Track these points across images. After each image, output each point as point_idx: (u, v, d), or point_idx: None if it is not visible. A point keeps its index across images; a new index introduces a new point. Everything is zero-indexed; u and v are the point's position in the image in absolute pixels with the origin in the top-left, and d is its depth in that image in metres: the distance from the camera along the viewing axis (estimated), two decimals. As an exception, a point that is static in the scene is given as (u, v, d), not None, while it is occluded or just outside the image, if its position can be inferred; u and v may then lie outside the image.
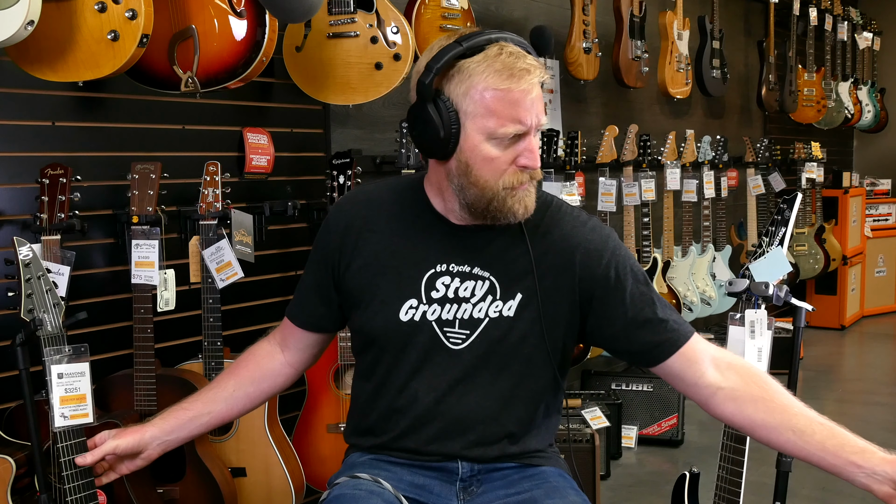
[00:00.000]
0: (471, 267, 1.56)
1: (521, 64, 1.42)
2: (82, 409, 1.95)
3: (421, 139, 1.50)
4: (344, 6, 2.59)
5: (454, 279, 1.56)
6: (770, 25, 5.58)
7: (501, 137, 1.45)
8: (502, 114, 1.43)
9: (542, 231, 1.58)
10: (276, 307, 2.90)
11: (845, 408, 4.68)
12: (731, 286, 1.99)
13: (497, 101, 1.43)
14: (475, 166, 1.47)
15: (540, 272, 1.55)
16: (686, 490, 2.21)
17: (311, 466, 2.63)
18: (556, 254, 1.57)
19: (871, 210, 6.83)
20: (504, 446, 1.60)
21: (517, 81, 1.42)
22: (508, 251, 1.57)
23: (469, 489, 1.61)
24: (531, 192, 1.51)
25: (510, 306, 1.55)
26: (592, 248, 1.57)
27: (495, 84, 1.42)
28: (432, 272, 1.56)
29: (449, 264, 1.56)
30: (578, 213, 1.63)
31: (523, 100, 1.43)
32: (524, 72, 1.42)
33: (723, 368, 1.55)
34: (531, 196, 1.51)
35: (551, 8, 4.11)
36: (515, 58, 1.43)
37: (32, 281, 1.95)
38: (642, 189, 4.13)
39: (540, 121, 1.46)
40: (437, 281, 1.56)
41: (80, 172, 2.24)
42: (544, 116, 1.48)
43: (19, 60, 2.03)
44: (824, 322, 6.41)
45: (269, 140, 2.78)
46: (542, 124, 1.48)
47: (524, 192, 1.50)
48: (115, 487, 2.14)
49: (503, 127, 1.44)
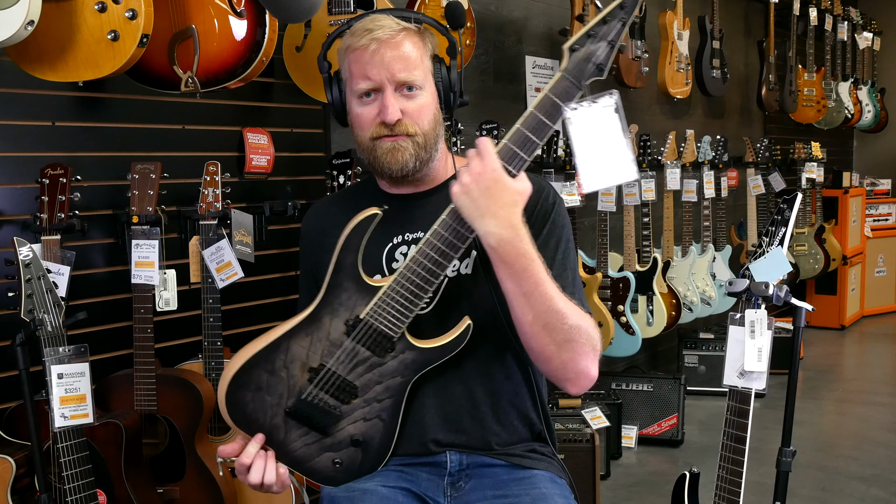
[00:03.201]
0: (424, 232, 1.57)
1: (369, 24, 1.57)
2: (82, 409, 1.96)
3: (335, 115, 1.71)
4: (344, 6, 2.59)
5: (410, 247, 1.63)
6: (770, 25, 5.58)
7: (359, 94, 1.59)
8: (355, 72, 1.59)
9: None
10: (276, 307, 2.90)
11: (845, 408, 4.68)
12: (731, 286, 1.99)
13: (351, 62, 1.59)
14: (353, 126, 1.64)
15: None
16: (686, 490, 2.21)
17: (311, 466, 2.63)
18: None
19: (871, 210, 6.83)
20: (486, 423, 1.61)
21: (359, 40, 1.56)
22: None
23: (457, 485, 1.62)
24: (402, 147, 1.59)
25: (466, 264, 1.61)
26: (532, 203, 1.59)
27: (348, 45, 1.59)
28: (390, 245, 1.65)
29: (403, 234, 1.65)
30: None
31: (368, 57, 1.56)
32: (367, 32, 1.56)
33: None
34: (403, 151, 1.59)
35: (551, 8, 4.11)
36: (368, 22, 1.58)
37: (32, 281, 1.95)
38: (642, 189, 4.13)
39: (394, 76, 1.56)
40: (396, 252, 1.64)
41: (80, 172, 2.24)
42: (410, 70, 1.56)
43: (19, 60, 2.03)
44: (824, 322, 6.42)
45: (269, 140, 2.78)
46: (401, 80, 1.56)
47: (390, 144, 1.58)
48: (115, 487, 2.14)
49: (357, 84, 1.58)
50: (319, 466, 1.55)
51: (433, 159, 1.64)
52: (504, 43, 3.87)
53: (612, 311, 3.96)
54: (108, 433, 2.14)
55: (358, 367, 1.52)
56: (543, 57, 4.08)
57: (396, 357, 1.52)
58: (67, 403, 1.94)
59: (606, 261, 3.94)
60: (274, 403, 1.52)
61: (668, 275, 4.30)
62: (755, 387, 1.96)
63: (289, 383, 1.51)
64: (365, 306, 1.51)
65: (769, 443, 2.48)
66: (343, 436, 1.53)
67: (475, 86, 3.71)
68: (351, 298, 1.52)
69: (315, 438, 1.53)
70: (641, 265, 4.14)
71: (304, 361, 1.52)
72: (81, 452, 1.96)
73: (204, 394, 2.32)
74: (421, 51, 1.60)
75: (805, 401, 4.68)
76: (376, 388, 1.53)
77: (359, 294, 1.52)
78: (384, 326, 1.50)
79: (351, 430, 1.53)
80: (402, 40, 1.57)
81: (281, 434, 1.52)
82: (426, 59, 1.61)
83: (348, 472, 1.56)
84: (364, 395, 1.52)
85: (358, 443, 1.54)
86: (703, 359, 4.76)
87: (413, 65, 1.57)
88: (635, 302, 4.05)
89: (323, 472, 1.55)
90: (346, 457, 1.55)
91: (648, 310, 4.10)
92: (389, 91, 1.57)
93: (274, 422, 1.52)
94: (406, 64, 1.57)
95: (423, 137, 1.60)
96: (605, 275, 3.93)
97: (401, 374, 1.53)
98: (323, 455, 1.54)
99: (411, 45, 1.58)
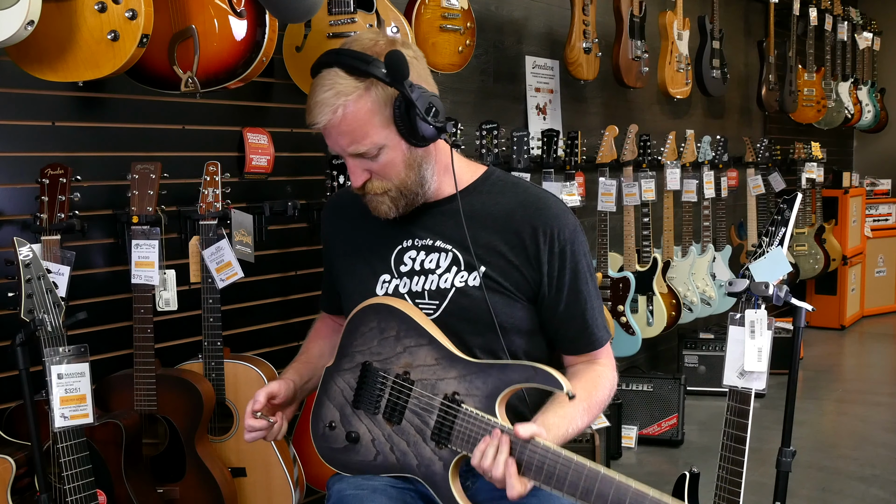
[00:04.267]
0: (433, 240, 1.64)
1: (311, 101, 1.54)
2: (82, 409, 1.96)
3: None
4: (344, 6, 2.59)
5: (419, 252, 1.65)
6: (770, 25, 5.58)
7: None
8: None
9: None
10: (276, 307, 2.90)
11: (845, 408, 4.68)
12: (731, 286, 1.99)
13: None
14: None
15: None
16: (686, 490, 2.21)
17: (311, 466, 2.63)
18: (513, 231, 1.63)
19: (871, 210, 6.83)
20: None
21: (307, 116, 1.55)
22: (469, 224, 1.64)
23: (464, 485, 1.62)
24: (380, 201, 1.60)
25: (475, 276, 1.61)
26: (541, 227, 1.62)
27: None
28: (400, 248, 1.66)
29: (414, 239, 1.66)
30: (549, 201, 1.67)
31: (323, 132, 1.56)
32: (309, 110, 1.54)
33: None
34: (381, 204, 1.60)
35: (551, 8, 4.11)
36: (312, 92, 1.54)
37: (32, 281, 1.95)
38: (642, 189, 4.13)
39: (343, 149, 1.55)
40: (405, 255, 1.65)
41: (80, 172, 2.24)
42: (356, 145, 1.53)
43: (19, 60, 2.03)
44: (824, 322, 6.41)
45: (269, 140, 2.78)
46: (349, 152, 1.55)
47: (370, 197, 1.60)
48: (115, 487, 2.14)
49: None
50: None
51: (424, 191, 1.62)
52: (504, 43, 3.87)
53: (612, 311, 3.96)
54: (108, 433, 2.14)
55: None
56: (543, 57, 4.08)
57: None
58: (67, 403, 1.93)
59: (606, 261, 3.94)
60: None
61: (668, 275, 4.30)
62: (755, 387, 1.96)
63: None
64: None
65: (769, 443, 2.48)
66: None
67: (475, 86, 3.71)
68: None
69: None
70: (641, 265, 4.14)
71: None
72: (81, 452, 1.96)
73: (204, 394, 2.32)
74: (370, 112, 1.51)
75: (805, 401, 4.68)
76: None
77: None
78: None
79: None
80: (340, 118, 1.51)
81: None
82: (378, 116, 1.52)
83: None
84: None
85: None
86: (703, 359, 4.76)
87: (360, 136, 1.52)
88: (635, 302, 4.05)
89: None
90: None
91: (648, 310, 4.10)
92: (349, 161, 1.57)
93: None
94: (352, 138, 1.52)
95: (397, 189, 1.59)
96: (605, 275, 3.93)
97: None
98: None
99: (354, 115, 1.50)
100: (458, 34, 3.00)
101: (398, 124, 1.52)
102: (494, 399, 1.46)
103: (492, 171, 1.71)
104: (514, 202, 1.64)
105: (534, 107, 4.02)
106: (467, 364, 1.51)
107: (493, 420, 1.44)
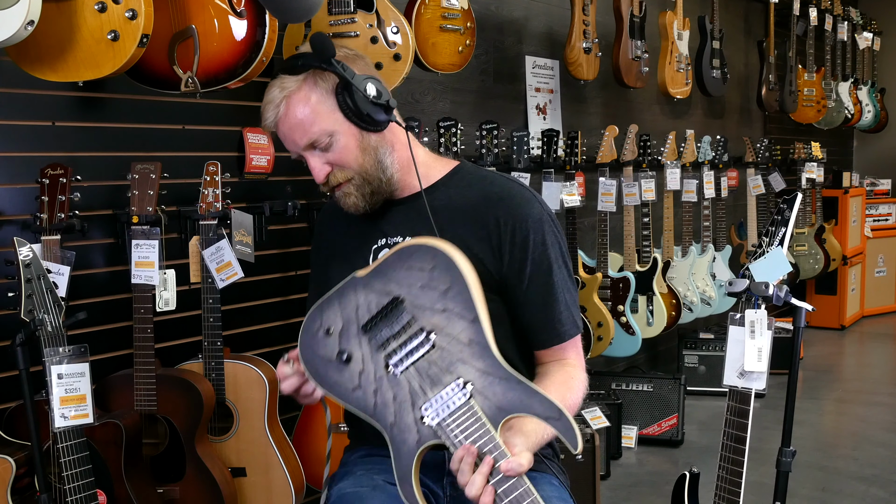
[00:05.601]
0: (403, 237, 1.66)
1: (263, 106, 1.62)
2: (82, 409, 1.96)
3: None
4: (344, 6, 2.59)
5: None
6: (770, 25, 5.58)
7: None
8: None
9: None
10: (276, 307, 2.90)
11: (845, 408, 4.68)
12: (731, 286, 1.99)
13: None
14: None
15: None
16: (686, 490, 2.21)
17: (311, 466, 2.63)
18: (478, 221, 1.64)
19: (871, 210, 6.83)
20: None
21: (262, 122, 1.64)
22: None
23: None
24: (347, 193, 1.64)
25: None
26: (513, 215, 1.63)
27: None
28: (375, 247, 1.69)
29: (386, 237, 1.69)
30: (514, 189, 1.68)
31: (279, 135, 1.64)
32: (262, 114, 1.63)
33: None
34: (349, 196, 1.64)
35: (551, 8, 4.11)
36: (263, 98, 1.62)
37: (32, 281, 1.95)
38: (642, 189, 4.13)
39: (296, 143, 1.61)
40: (380, 254, 1.66)
41: (80, 172, 2.24)
42: (308, 135, 1.59)
43: (19, 60, 2.03)
44: (824, 322, 6.41)
45: (270, 140, 2.78)
46: (303, 144, 1.61)
47: (339, 193, 1.65)
48: (115, 487, 2.14)
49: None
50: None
51: (389, 180, 1.65)
52: (504, 43, 3.87)
53: (612, 311, 3.96)
54: (108, 433, 2.14)
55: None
56: (543, 57, 4.08)
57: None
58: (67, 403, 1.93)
59: (606, 261, 3.94)
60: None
61: (668, 275, 4.30)
62: (755, 387, 1.96)
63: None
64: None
65: (769, 443, 2.48)
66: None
67: (475, 86, 3.71)
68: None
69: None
70: (641, 265, 4.14)
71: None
72: (81, 452, 1.96)
73: (204, 394, 2.32)
74: (315, 102, 1.59)
75: (805, 401, 4.68)
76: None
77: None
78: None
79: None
80: (286, 111, 1.60)
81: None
82: (324, 105, 1.59)
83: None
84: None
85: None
86: (703, 359, 4.76)
87: (309, 125, 1.59)
88: (635, 302, 4.05)
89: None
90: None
91: (648, 310, 4.10)
92: (307, 155, 1.63)
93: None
94: (303, 129, 1.59)
95: (359, 175, 1.63)
96: (605, 275, 3.93)
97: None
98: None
99: (301, 107, 1.59)
100: (458, 34, 3.00)
101: (343, 108, 1.59)
102: (504, 414, 1.37)
103: (462, 166, 1.73)
104: (479, 195, 1.65)
105: (534, 107, 4.02)
106: (497, 365, 1.41)
107: (493, 434, 1.35)
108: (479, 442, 1.34)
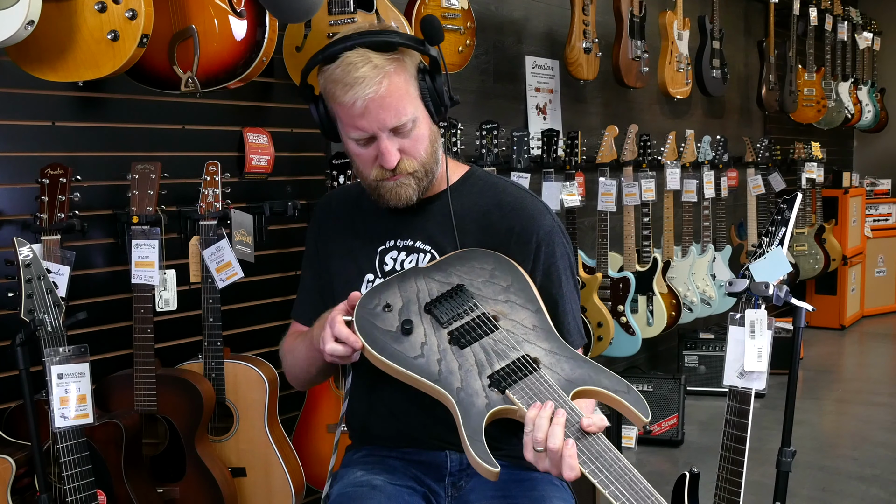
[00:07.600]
0: (413, 241, 1.65)
1: (349, 77, 1.50)
2: (82, 409, 1.96)
3: (324, 134, 1.67)
4: (344, 6, 2.59)
5: (400, 253, 1.66)
6: (770, 25, 5.58)
7: (354, 140, 1.57)
8: (345, 121, 1.56)
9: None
10: (276, 307, 2.90)
11: (845, 408, 4.68)
12: (731, 286, 1.99)
13: (339, 110, 1.56)
14: (351, 159, 1.64)
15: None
16: (686, 490, 2.21)
17: (311, 466, 2.63)
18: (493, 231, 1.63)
19: (871, 210, 6.83)
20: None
21: (343, 95, 1.51)
22: (446, 226, 1.64)
23: (458, 484, 1.63)
24: (405, 184, 1.59)
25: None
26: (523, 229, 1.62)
27: (333, 96, 1.54)
28: (383, 248, 1.68)
29: (396, 240, 1.67)
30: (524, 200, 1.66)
31: (357, 112, 1.51)
32: (349, 87, 1.50)
33: None
34: (406, 188, 1.59)
35: (551, 8, 4.11)
36: (346, 71, 1.50)
37: (32, 281, 1.95)
38: (642, 189, 4.12)
39: (384, 124, 1.52)
40: (387, 255, 1.66)
41: (80, 172, 2.24)
42: (399, 117, 1.52)
43: (19, 60, 2.03)
44: (824, 322, 6.41)
45: (269, 140, 2.78)
46: (391, 126, 1.53)
47: (394, 183, 1.58)
48: (115, 487, 2.14)
49: (349, 133, 1.56)
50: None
51: (434, 175, 1.63)
52: (504, 43, 3.87)
53: (612, 311, 3.96)
54: (108, 433, 2.14)
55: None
56: (543, 57, 4.08)
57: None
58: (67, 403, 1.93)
59: (606, 261, 3.94)
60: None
61: (668, 275, 4.30)
62: (755, 387, 1.95)
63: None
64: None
65: (769, 443, 2.48)
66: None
67: (475, 86, 3.71)
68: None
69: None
70: (641, 265, 4.14)
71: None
72: (81, 452, 1.96)
73: (204, 394, 2.32)
74: (405, 84, 1.54)
75: (805, 401, 4.68)
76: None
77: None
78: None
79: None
80: (386, 89, 1.50)
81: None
82: (412, 87, 1.55)
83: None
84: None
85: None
86: (703, 359, 4.76)
87: (402, 108, 1.53)
88: (635, 302, 4.05)
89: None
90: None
91: (648, 310, 4.10)
92: (384, 138, 1.54)
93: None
94: (396, 111, 1.52)
95: (423, 168, 1.59)
96: (605, 275, 3.93)
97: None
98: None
99: (395, 87, 1.51)
100: (458, 34, 3.00)
101: (424, 96, 1.56)
102: (573, 386, 1.37)
103: (473, 171, 1.72)
104: (491, 203, 1.65)
105: (534, 107, 4.02)
106: (563, 346, 1.43)
107: (567, 398, 1.34)
108: (553, 401, 1.34)
